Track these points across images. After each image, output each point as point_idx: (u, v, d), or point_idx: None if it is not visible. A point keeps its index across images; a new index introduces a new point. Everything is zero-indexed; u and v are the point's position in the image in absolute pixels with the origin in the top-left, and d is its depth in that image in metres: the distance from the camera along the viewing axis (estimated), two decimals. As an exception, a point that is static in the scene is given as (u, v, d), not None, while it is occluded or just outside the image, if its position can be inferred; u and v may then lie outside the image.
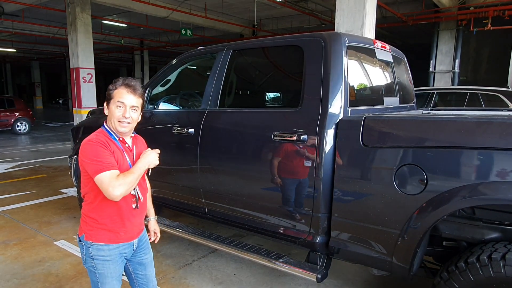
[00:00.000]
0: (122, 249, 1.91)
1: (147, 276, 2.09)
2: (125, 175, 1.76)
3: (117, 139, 1.88)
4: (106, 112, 1.89)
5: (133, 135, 2.01)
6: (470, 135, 1.91)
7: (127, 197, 1.86)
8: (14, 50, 23.70)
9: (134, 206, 1.91)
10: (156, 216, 2.30)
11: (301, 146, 2.43)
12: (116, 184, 1.71)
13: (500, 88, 6.78)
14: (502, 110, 3.73)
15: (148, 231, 2.22)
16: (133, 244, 1.97)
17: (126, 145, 1.93)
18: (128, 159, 1.89)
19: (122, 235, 1.88)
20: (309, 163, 2.40)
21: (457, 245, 2.26)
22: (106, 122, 1.91)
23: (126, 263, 2.01)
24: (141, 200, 1.95)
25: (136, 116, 1.89)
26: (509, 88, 7.98)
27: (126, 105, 1.83)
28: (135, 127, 1.96)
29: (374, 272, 2.47)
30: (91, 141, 1.79)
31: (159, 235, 2.27)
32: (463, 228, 2.15)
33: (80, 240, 1.89)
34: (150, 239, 2.21)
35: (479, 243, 2.06)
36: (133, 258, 2.02)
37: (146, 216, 2.26)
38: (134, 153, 1.95)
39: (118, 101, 1.82)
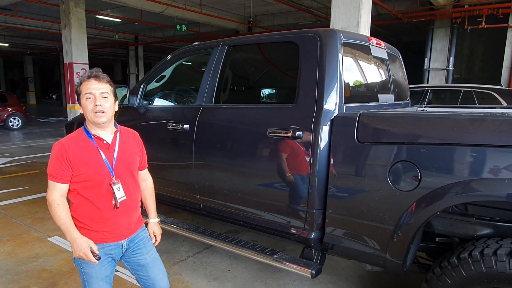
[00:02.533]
0: (107, 250, 1.86)
1: (151, 277, 2.00)
2: (56, 209, 1.76)
3: (92, 136, 1.85)
4: (81, 110, 1.86)
5: (116, 128, 1.94)
6: (464, 132, 1.93)
7: (104, 196, 1.82)
8: (6, 45, 23.43)
9: (113, 205, 1.83)
10: (158, 219, 2.19)
11: (296, 143, 2.43)
12: (49, 194, 1.79)
13: (493, 86, 6.84)
14: (495, 108, 3.76)
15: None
16: (121, 245, 1.91)
17: (104, 142, 1.86)
18: (104, 157, 1.83)
19: (106, 235, 1.84)
20: (304, 160, 2.40)
21: (449, 241, 2.28)
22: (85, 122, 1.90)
23: (125, 264, 1.99)
24: (118, 201, 1.84)
25: (108, 104, 1.84)
26: (502, 86, 8.07)
27: (95, 94, 1.81)
28: (115, 117, 1.93)
29: (368, 267, 2.49)
30: (57, 145, 1.82)
31: (158, 239, 2.16)
32: (455, 224, 2.17)
33: None
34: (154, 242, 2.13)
35: (471, 239, 2.08)
36: (129, 259, 1.97)
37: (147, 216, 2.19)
38: (116, 149, 1.88)
39: (86, 93, 1.81)
